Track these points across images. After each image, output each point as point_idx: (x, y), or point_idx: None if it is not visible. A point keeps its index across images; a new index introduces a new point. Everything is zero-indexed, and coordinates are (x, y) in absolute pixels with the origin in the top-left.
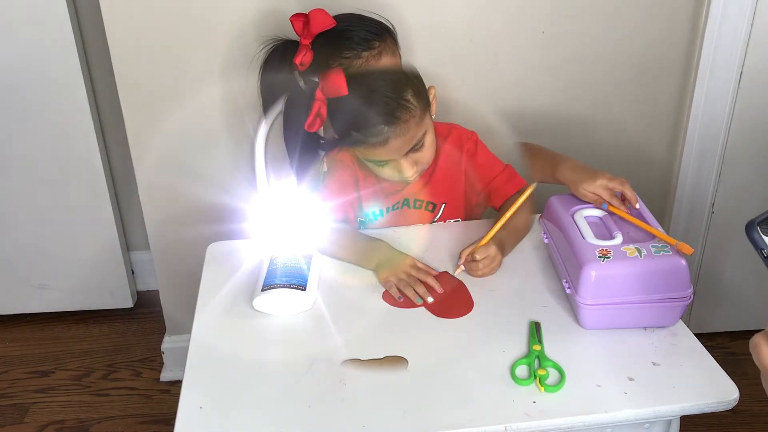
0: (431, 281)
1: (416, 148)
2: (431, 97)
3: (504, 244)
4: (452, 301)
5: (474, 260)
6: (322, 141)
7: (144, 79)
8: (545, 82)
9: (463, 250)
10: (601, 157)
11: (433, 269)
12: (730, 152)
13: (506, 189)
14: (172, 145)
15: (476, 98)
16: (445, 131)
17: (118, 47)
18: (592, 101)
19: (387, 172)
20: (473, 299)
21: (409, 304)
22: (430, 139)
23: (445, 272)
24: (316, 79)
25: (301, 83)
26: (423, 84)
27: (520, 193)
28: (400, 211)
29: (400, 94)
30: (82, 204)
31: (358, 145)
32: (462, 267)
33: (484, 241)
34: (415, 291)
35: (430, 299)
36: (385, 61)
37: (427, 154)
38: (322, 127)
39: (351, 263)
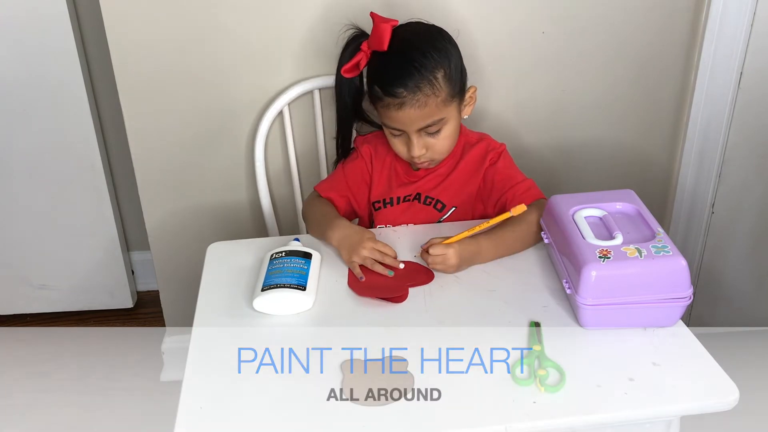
0: (389, 261)
1: (431, 131)
2: (468, 95)
3: (480, 252)
4: (413, 271)
5: (427, 252)
6: (361, 109)
7: (144, 79)
8: (545, 82)
9: (432, 238)
10: (601, 157)
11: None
12: (730, 152)
13: (521, 199)
14: (172, 145)
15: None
16: (474, 139)
17: (118, 47)
18: (592, 101)
19: (398, 145)
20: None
21: (371, 292)
22: (449, 131)
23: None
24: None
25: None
26: (461, 75)
27: (533, 206)
28: (410, 204)
29: (432, 70)
30: (82, 204)
31: (378, 101)
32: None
33: (449, 240)
34: (384, 265)
35: (401, 265)
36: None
37: (441, 143)
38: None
39: (317, 238)
